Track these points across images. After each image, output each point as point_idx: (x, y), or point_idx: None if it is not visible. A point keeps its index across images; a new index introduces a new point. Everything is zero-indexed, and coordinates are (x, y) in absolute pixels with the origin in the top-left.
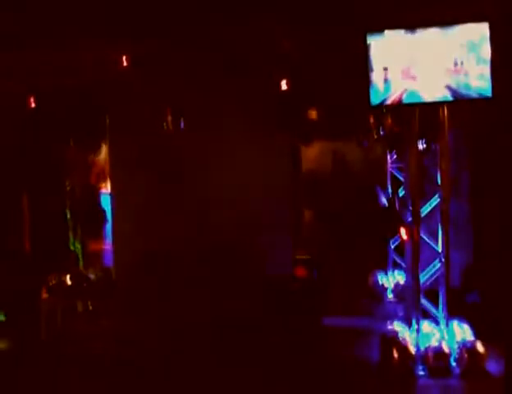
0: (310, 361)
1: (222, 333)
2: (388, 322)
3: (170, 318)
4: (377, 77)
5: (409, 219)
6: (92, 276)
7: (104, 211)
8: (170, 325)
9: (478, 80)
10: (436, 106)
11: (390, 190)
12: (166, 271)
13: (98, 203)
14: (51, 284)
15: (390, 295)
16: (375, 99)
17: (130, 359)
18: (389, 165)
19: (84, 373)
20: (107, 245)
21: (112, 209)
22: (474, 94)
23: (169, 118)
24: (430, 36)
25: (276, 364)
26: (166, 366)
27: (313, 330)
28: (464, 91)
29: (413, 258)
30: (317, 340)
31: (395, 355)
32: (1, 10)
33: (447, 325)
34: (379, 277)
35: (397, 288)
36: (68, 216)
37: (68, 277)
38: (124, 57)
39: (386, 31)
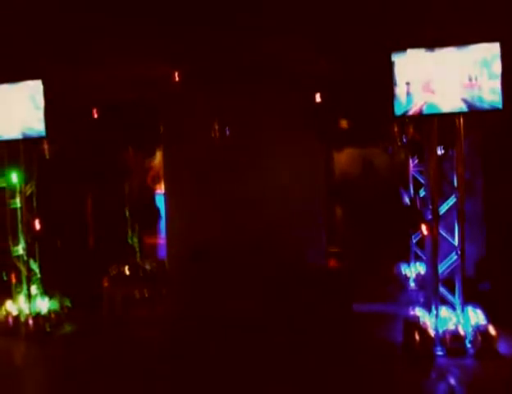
0: (342, 341)
1: (269, 315)
2: (410, 307)
3: (218, 304)
4: (400, 91)
5: (429, 217)
6: (148, 267)
7: (159, 209)
8: (218, 309)
9: (490, 93)
10: (452, 116)
11: (412, 191)
12: (213, 262)
13: (154, 203)
14: (111, 274)
15: (412, 284)
16: (398, 111)
17: (181, 340)
18: (411, 169)
19: (140, 352)
20: (161, 239)
21: (166, 207)
22: (487, 106)
23: (216, 127)
24: (447, 54)
25: (313, 341)
26: (216, 347)
27: (344, 314)
28: (477, 103)
29: (433, 251)
30: (347, 323)
31: (417, 337)
32: (69, 34)
33: (463, 310)
34: (402, 268)
35: (418, 278)
36: (127, 214)
37: (127, 267)
38: (176, 74)
39: (409, 50)
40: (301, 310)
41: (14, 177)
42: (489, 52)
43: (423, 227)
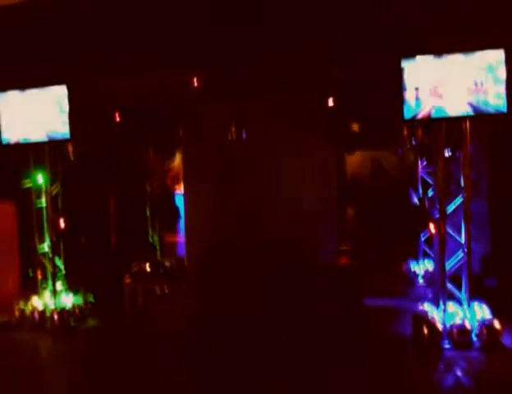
0: (354, 335)
1: (284, 312)
2: (419, 303)
3: (234, 299)
4: (409, 96)
5: (437, 216)
6: (167, 264)
7: (178, 209)
8: (235, 304)
9: (495, 98)
10: (459, 120)
11: (420, 191)
12: (230, 259)
13: (173, 202)
14: (133, 271)
15: (420, 280)
16: (408, 114)
17: (200, 334)
18: (420, 170)
19: (161, 345)
20: (181, 237)
21: (185, 207)
22: (492, 110)
23: (233, 130)
24: (454, 60)
25: (326, 335)
26: (236, 340)
27: (356, 309)
28: (483, 107)
29: (440, 248)
30: (359, 318)
31: (425, 330)
32: (93, 41)
33: (469, 306)
34: (411, 265)
35: (427, 274)
36: (148, 213)
37: (147, 264)
38: (194, 80)
39: (418, 57)
40: (314, 306)
41: (40, 178)
42: (494, 58)
43: (431, 226)
